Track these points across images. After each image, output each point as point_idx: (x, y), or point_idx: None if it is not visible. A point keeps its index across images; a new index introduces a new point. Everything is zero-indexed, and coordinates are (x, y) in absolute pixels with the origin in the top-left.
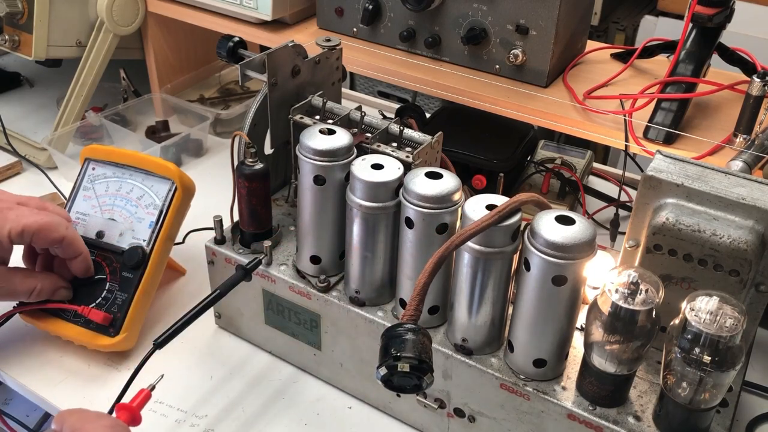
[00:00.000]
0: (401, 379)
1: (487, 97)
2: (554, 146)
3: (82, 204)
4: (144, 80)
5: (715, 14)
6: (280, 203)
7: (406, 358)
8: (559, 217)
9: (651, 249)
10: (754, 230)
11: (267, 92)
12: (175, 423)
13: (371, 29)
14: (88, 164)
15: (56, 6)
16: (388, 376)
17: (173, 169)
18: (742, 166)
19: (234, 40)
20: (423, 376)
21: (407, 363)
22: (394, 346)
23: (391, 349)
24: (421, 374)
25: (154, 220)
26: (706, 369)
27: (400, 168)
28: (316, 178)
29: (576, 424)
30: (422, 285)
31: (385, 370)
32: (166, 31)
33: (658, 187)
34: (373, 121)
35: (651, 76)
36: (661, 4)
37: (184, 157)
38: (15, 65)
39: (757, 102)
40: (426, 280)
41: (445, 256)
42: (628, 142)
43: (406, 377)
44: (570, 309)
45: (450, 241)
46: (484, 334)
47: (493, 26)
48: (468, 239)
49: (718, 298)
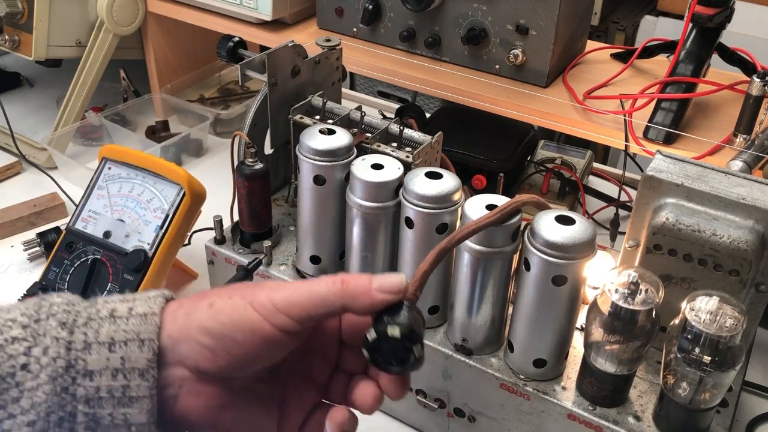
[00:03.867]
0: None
1: (487, 97)
2: (554, 146)
3: (95, 202)
4: (144, 80)
5: (715, 14)
6: (280, 203)
7: (398, 324)
8: (559, 217)
9: (651, 249)
10: (754, 230)
11: (267, 92)
12: None
13: (371, 29)
14: (105, 163)
15: (56, 6)
16: (377, 343)
17: (183, 174)
18: (742, 166)
19: (234, 40)
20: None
21: (398, 328)
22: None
23: (383, 316)
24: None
25: (160, 223)
26: (706, 369)
27: (400, 168)
28: (316, 178)
29: (576, 424)
30: (423, 272)
31: (374, 335)
32: (166, 31)
33: (658, 187)
34: (373, 121)
35: (651, 76)
36: (661, 4)
37: (184, 157)
38: (15, 65)
39: (757, 102)
40: (427, 269)
41: (447, 249)
42: (628, 142)
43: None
44: (570, 309)
45: (452, 235)
46: (484, 334)
47: (493, 26)
48: (472, 234)
49: (718, 298)
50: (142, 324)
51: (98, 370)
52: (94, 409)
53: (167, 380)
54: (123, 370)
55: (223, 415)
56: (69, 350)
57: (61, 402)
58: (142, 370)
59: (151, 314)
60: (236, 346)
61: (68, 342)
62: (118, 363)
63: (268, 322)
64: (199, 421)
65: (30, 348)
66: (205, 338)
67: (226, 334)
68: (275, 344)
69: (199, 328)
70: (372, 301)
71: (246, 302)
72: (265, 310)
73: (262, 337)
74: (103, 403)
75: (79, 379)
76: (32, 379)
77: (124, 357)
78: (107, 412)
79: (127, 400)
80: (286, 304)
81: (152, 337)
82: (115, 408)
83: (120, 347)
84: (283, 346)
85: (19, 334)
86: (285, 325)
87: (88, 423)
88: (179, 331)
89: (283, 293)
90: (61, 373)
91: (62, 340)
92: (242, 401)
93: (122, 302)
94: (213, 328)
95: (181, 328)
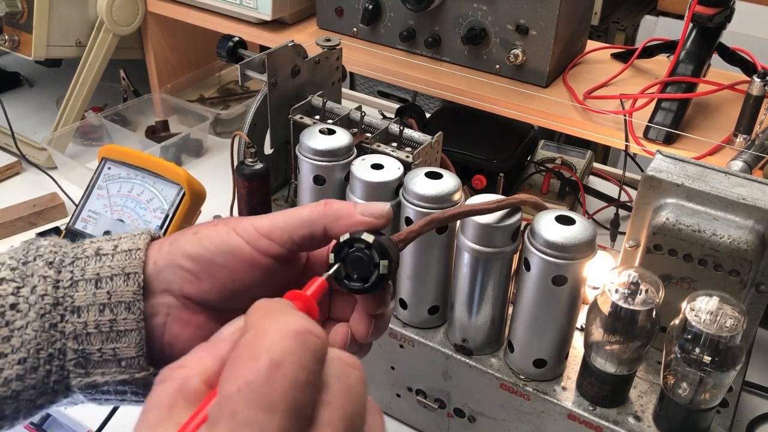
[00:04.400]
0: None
1: (487, 97)
2: (554, 146)
3: (95, 203)
4: (144, 80)
5: (715, 14)
6: (280, 203)
7: (371, 234)
8: (559, 217)
9: (651, 249)
10: (755, 230)
11: (267, 92)
12: None
13: (371, 29)
14: (104, 164)
15: (56, 6)
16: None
17: (183, 174)
18: (742, 166)
19: (234, 40)
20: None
21: (371, 236)
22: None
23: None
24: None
25: (160, 223)
26: (706, 369)
27: (400, 168)
28: (316, 178)
29: (576, 424)
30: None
31: (347, 236)
32: (166, 31)
33: (658, 187)
34: (373, 121)
35: (651, 76)
36: (661, 4)
37: (184, 157)
38: (15, 65)
39: (757, 102)
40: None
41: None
42: (628, 142)
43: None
44: (570, 309)
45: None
46: (484, 334)
47: (493, 26)
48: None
49: (718, 298)
50: (127, 259)
51: (85, 306)
52: (83, 345)
53: (154, 308)
54: (109, 305)
55: None
56: (56, 288)
57: (50, 338)
58: (128, 303)
59: (136, 249)
60: (218, 268)
61: (55, 280)
62: (104, 298)
63: (249, 245)
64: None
65: (18, 288)
66: (188, 262)
67: (209, 257)
68: (258, 268)
69: (182, 254)
70: (353, 222)
71: (229, 228)
72: (247, 233)
73: (243, 260)
74: (92, 339)
75: (67, 315)
76: (21, 318)
77: (110, 291)
78: (96, 347)
79: (114, 334)
80: (268, 226)
81: (137, 270)
82: (103, 343)
83: (106, 282)
84: (268, 271)
85: (7, 275)
86: (267, 249)
87: (77, 360)
88: (164, 258)
89: (266, 219)
90: (49, 310)
91: (49, 278)
92: None
93: (107, 241)
94: (195, 253)
95: (166, 254)
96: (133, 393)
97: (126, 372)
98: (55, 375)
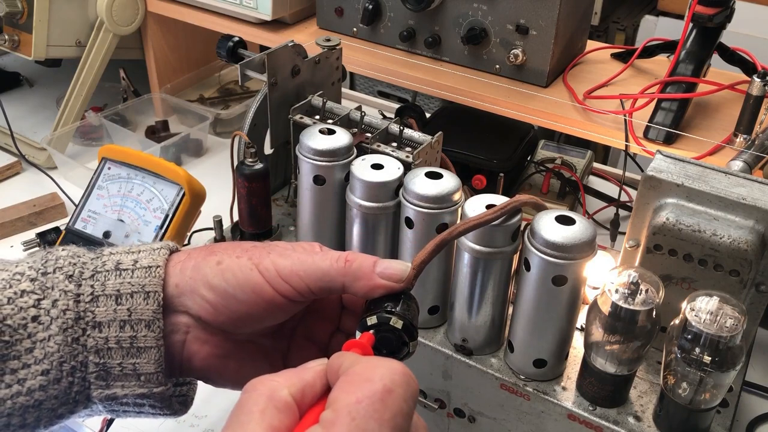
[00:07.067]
0: (384, 338)
1: (487, 97)
2: (554, 146)
3: (95, 202)
4: (144, 80)
5: (715, 14)
6: (280, 203)
7: (400, 317)
8: (559, 217)
9: (651, 249)
10: (755, 230)
11: (267, 92)
12: (175, 423)
13: (371, 29)
14: (104, 164)
15: (56, 6)
16: (375, 328)
17: (183, 174)
18: (742, 166)
19: (234, 40)
20: (410, 341)
21: (401, 321)
22: (387, 301)
23: (383, 303)
24: (408, 338)
25: (160, 223)
26: (706, 369)
27: (400, 168)
28: (316, 178)
29: (576, 424)
30: (420, 261)
31: (375, 320)
32: (166, 31)
33: (658, 187)
34: (373, 121)
35: (651, 76)
36: (661, 4)
37: (183, 157)
38: (15, 65)
39: (757, 102)
40: (425, 258)
41: (447, 240)
42: (628, 142)
43: (391, 338)
44: (570, 309)
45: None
46: (484, 334)
47: (493, 26)
48: (473, 229)
49: (718, 298)
50: (146, 276)
51: (106, 322)
52: (104, 359)
53: (174, 326)
54: (130, 322)
55: (227, 365)
56: (78, 302)
57: (72, 352)
58: (149, 321)
59: (155, 267)
60: (237, 304)
61: (76, 294)
62: (125, 315)
63: (270, 286)
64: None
65: (39, 300)
66: (209, 293)
67: (230, 292)
68: (276, 307)
69: (204, 283)
70: (372, 286)
71: (252, 264)
72: (269, 274)
73: (263, 299)
74: (113, 354)
75: (89, 330)
76: (44, 331)
77: (131, 309)
78: (117, 362)
79: (135, 350)
80: (288, 272)
81: (157, 289)
82: (124, 358)
83: (126, 299)
84: (284, 310)
85: (27, 287)
86: (286, 292)
87: (99, 372)
88: (186, 284)
89: (287, 261)
90: (71, 325)
91: (70, 293)
92: (246, 353)
93: (127, 254)
94: (218, 285)
95: (189, 281)
96: (150, 406)
97: (145, 386)
98: (77, 386)
